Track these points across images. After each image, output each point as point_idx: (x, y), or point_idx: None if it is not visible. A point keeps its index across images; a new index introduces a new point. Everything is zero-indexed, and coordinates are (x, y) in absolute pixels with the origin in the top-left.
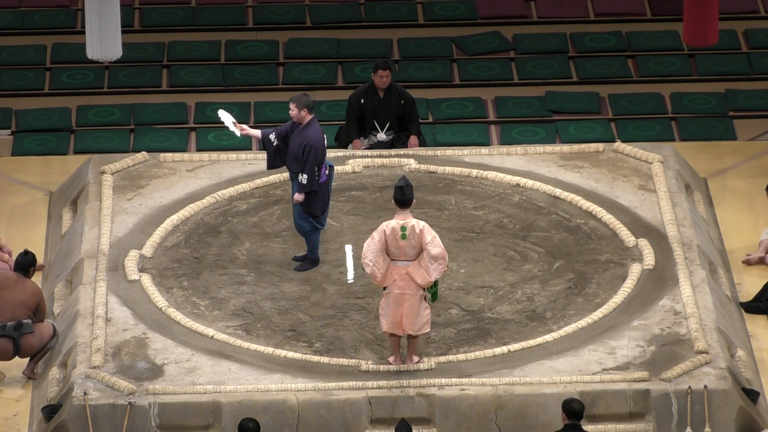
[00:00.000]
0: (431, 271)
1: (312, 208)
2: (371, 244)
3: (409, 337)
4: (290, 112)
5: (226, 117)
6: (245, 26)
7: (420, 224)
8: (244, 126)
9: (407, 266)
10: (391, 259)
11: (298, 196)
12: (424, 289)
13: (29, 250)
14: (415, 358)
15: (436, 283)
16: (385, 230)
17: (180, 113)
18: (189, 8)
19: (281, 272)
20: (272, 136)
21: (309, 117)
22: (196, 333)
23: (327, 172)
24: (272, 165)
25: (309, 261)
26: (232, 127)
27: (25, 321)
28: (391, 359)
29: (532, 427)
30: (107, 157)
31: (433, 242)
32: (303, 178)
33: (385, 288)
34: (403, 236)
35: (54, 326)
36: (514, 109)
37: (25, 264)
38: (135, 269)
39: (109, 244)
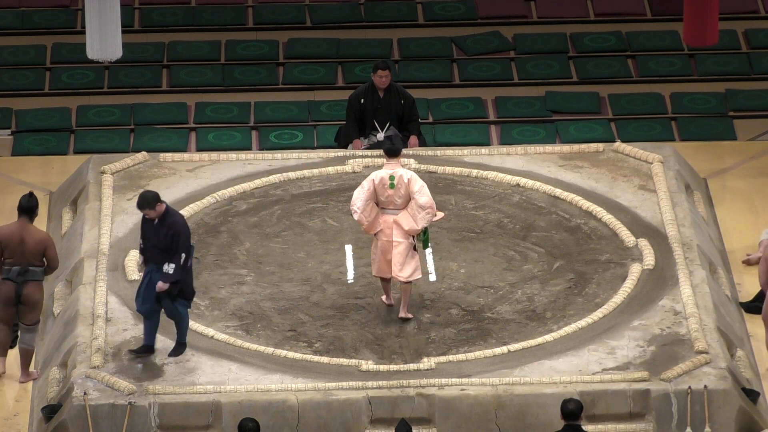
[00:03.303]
0: (419, 219)
1: (186, 293)
2: (360, 192)
3: (402, 285)
4: (149, 215)
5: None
6: (245, 26)
7: (408, 174)
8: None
9: (396, 215)
10: (381, 208)
11: (163, 285)
12: (413, 237)
13: (33, 192)
14: (408, 315)
15: (426, 231)
16: (374, 179)
17: (180, 113)
18: (189, 8)
19: (281, 272)
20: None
21: (163, 206)
22: (196, 333)
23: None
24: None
25: (180, 345)
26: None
27: (31, 268)
28: (383, 298)
29: (532, 427)
30: (107, 157)
31: (421, 191)
32: (170, 267)
33: (375, 235)
34: (392, 185)
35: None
36: (514, 109)
37: (31, 206)
38: (135, 269)
39: (109, 244)
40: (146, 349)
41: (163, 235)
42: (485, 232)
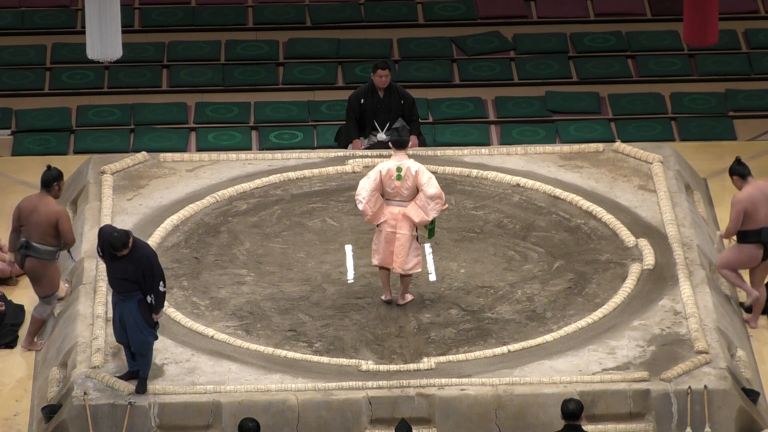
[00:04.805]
0: (429, 210)
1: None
2: (366, 182)
3: (401, 276)
4: (122, 253)
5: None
6: (245, 26)
7: (416, 166)
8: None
9: (401, 206)
10: (386, 200)
11: (158, 315)
12: (417, 229)
13: (50, 165)
14: (408, 297)
15: (433, 221)
16: (381, 170)
17: (180, 113)
18: (189, 8)
19: (281, 272)
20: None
21: (131, 239)
22: (196, 333)
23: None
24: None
25: (144, 381)
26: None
27: (34, 243)
28: (383, 297)
29: (532, 427)
30: (107, 157)
31: (429, 183)
32: (152, 298)
33: (378, 226)
34: (399, 177)
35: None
36: (514, 109)
37: (49, 179)
38: None
39: None
40: (131, 375)
41: (133, 269)
42: (485, 232)
